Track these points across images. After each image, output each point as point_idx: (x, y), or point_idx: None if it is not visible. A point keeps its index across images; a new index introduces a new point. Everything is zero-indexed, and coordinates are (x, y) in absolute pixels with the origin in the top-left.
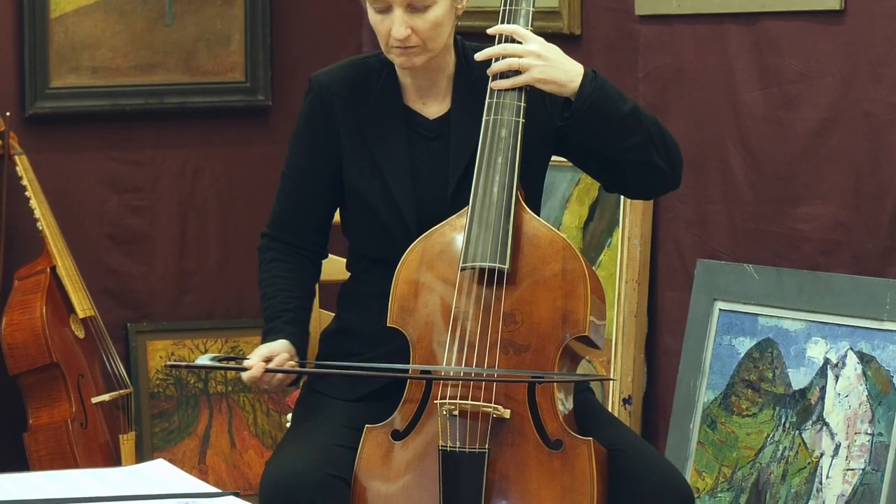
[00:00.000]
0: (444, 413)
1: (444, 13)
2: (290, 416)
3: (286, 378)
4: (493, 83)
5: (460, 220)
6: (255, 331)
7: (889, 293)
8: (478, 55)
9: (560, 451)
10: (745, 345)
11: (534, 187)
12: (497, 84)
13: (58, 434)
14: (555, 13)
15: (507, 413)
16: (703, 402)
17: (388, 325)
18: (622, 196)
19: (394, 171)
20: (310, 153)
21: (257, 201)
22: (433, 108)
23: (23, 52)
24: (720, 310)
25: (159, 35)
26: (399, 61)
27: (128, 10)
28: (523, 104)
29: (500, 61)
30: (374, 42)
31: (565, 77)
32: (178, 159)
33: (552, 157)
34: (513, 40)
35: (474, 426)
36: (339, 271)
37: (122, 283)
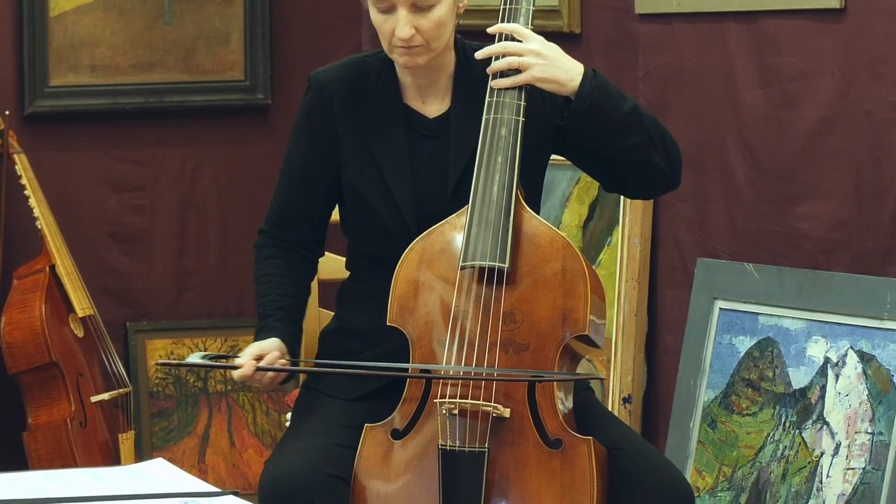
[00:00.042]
0: (444, 412)
1: (447, 12)
2: (290, 416)
3: (277, 376)
4: (493, 82)
5: (460, 218)
6: (254, 330)
7: (889, 292)
8: (478, 53)
9: (560, 450)
10: (745, 344)
11: (533, 186)
12: (497, 83)
13: (57, 433)
14: (555, 12)
15: (506, 412)
16: (703, 402)
17: (388, 323)
18: (622, 196)
19: (393, 170)
20: (308, 151)
21: (257, 200)
22: (433, 106)
23: (22, 51)
24: (720, 309)
25: (159, 33)
26: (402, 61)
27: (127, 8)
28: (523, 103)
29: (500, 60)
30: (374, 41)
31: (565, 76)
32: (177, 158)
33: (552, 156)
34: (513, 39)
35: (474, 425)
36: (339, 270)
37: (122, 282)
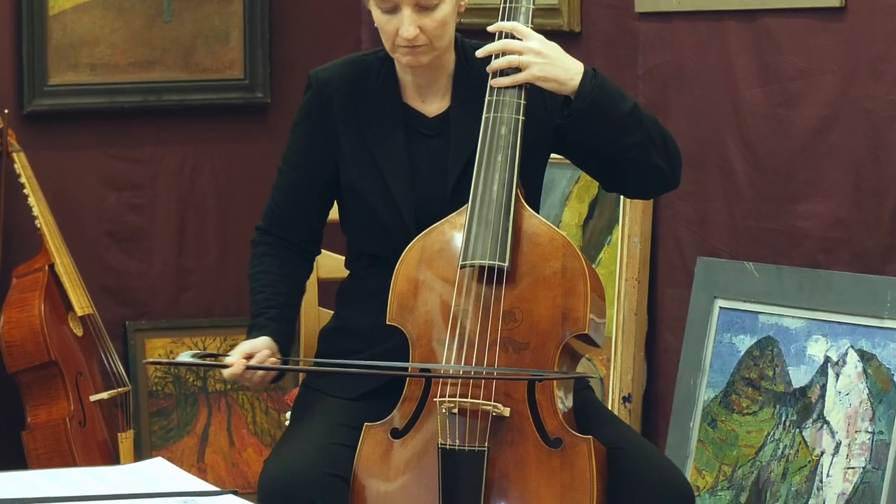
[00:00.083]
0: (444, 411)
1: (450, 11)
2: (289, 415)
3: (267, 375)
4: (492, 81)
5: (460, 217)
6: None
7: (890, 291)
8: (478, 52)
9: (560, 449)
10: (745, 343)
11: (533, 185)
12: (497, 81)
13: (56, 432)
14: (555, 10)
15: (506, 411)
16: (703, 401)
17: (388, 322)
18: (621, 195)
19: (393, 169)
20: (307, 150)
21: (256, 198)
22: (432, 105)
23: (21, 49)
24: (720, 308)
25: (158, 32)
26: (406, 61)
27: (126, 6)
28: (523, 102)
29: (499, 59)
30: (373, 39)
31: (565, 75)
32: (176, 156)
33: (551, 155)
34: (513, 37)
35: (474, 424)
36: (339, 269)
37: (121, 281)
